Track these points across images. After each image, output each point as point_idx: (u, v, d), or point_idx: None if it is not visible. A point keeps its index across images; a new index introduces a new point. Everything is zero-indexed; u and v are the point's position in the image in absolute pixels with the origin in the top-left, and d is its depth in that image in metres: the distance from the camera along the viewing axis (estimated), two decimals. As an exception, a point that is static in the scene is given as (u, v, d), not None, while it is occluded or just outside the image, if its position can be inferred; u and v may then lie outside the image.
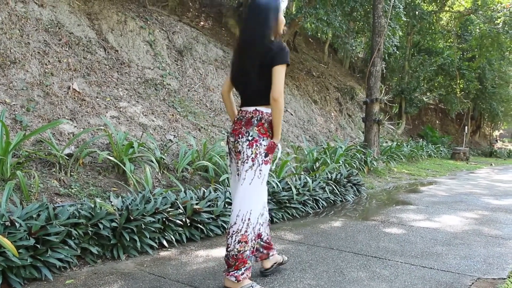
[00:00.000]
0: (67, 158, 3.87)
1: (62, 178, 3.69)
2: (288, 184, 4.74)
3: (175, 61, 7.44)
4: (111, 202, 3.26)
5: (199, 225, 3.47)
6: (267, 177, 2.42)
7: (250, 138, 2.31)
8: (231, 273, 2.27)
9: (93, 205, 3.03)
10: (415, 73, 16.87)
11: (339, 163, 6.95)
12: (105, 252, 2.90)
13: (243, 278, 2.27)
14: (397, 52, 12.90)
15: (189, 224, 3.43)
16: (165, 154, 4.86)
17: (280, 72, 2.25)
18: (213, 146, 5.32)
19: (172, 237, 3.24)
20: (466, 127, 19.44)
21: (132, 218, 2.98)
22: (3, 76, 4.37)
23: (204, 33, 8.99)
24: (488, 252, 3.32)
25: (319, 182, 5.38)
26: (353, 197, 5.87)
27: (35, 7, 5.42)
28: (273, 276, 2.64)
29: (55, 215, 2.71)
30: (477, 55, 18.68)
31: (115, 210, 3.00)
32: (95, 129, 4.58)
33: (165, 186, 4.36)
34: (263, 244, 2.59)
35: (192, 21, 9.31)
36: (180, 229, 3.34)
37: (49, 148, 3.89)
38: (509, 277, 2.72)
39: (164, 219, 3.21)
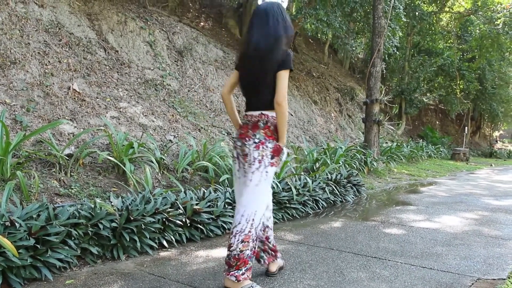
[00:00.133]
0: (67, 158, 3.87)
1: (62, 178, 3.69)
2: (288, 185, 4.74)
3: (175, 61, 7.45)
4: (111, 202, 3.26)
5: (199, 225, 3.47)
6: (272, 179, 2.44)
7: (256, 141, 2.35)
8: (231, 273, 2.27)
9: (93, 205, 3.03)
10: (415, 73, 16.87)
11: (339, 163, 6.95)
12: (105, 252, 2.90)
13: (243, 278, 2.27)
14: (397, 53, 12.90)
15: (189, 225, 3.43)
16: (165, 155, 4.86)
17: (284, 78, 2.29)
18: (213, 147, 5.32)
19: (172, 237, 3.24)
20: (466, 127, 19.41)
21: (132, 219, 2.99)
22: (3, 77, 4.38)
23: (204, 33, 9.00)
24: (488, 253, 3.32)
25: (319, 183, 5.38)
26: (353, 197, 5.87)
27: (35, 8, 5.43)
28: (273, 277, 2.64)
29: (55, 215, 2.72)
30: (477, 55, 18.70)
31: (115, 210, 3.00)
32: (95, 129, 4.58)
33: (165, 187, 4.36)
34: (271, 247, 2.62)
35: (192, 21, 9.32)
36: (180, 229, 3.34)
37: (49, 149, 3.89)
38: (509, 278, 2.73)
39: (164, 219, 3.21)
